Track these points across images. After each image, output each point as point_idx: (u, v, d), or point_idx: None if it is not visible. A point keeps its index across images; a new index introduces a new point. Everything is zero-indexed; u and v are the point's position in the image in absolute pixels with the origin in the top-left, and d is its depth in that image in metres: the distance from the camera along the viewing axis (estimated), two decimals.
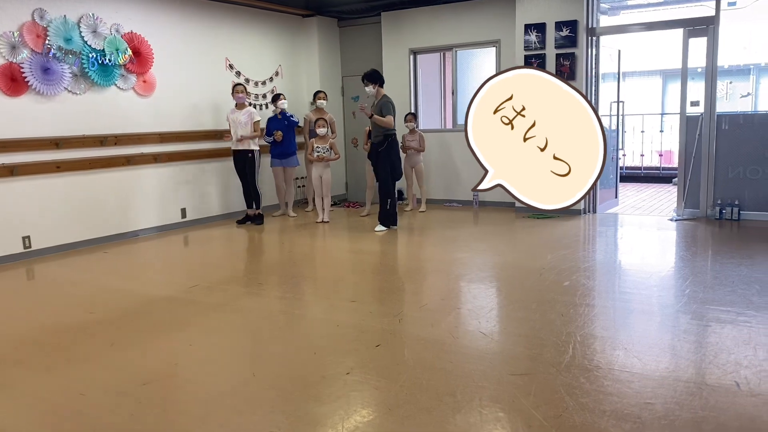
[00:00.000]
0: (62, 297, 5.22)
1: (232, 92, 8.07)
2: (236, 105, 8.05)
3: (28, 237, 6.55)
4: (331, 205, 8.58)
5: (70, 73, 6.80)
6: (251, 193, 8.22)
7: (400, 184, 8.88)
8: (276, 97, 8.45)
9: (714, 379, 3.17)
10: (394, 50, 9.44)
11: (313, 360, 3.62)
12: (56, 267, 6.30)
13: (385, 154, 7.32)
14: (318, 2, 9.30)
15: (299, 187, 9.88)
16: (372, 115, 7.26)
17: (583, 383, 3.15)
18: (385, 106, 7.24)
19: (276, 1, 8.86)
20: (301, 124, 9.17)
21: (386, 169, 7.35)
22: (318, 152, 7.97)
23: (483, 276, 5.53)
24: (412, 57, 9.38)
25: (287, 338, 4.04)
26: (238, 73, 8.87)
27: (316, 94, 8.79)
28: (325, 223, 8.11)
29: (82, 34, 6.88)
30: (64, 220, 6.86)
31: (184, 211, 8.22)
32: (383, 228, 7.42)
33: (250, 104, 8.62)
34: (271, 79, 9.44)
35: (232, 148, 8.10)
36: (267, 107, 9.36)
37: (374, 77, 7.33)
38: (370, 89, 7.35)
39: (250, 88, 9.06)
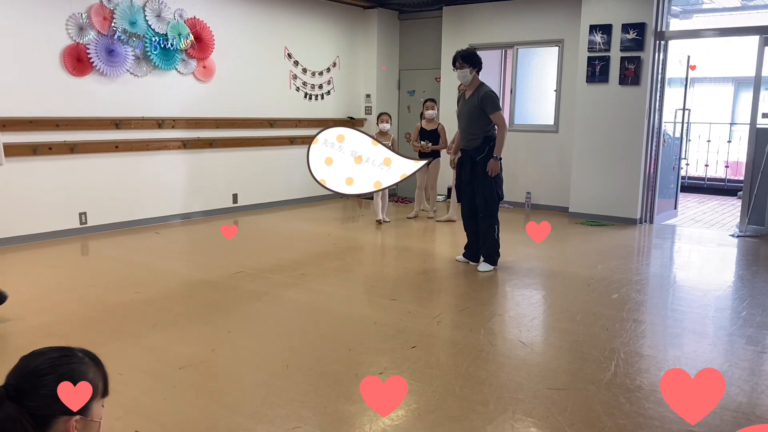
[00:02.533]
0: (112, 275, 5.35)
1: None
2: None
3: (85, 213, 6.75)
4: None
5: (133, 55, 6.96)
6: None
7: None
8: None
9: (764, 410, 3.00)
10: (454, 45, 9.28)
11: (347, 357, 3.59)
12: (109, 244, 6.47)
13: (485, 164, 5.47)
14: None
15: None
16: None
17: (623, 403, 3.02)
18: (489, 101, 5.41)
19: None
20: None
21: (490, 185, 5.49)
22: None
23: (528, 282, 5.39)
24: None
25: (323, 332, 4.03)
26: (296, 63, 8.91)
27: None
28: (385, 222, 7.76)
29: (147, 18, 7.02)
30: (119, 199, 7.03)
31: (235, 197, 8.33)
32: (490, 268, 5.62)
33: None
34: (328, 69, 9.45)
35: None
36: (322, 98, 9.38)
37: (472, 59, 5.46)
38: (464, 74, 5.47)
39: (306, 78, 9.09)
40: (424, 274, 5.61)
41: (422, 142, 7.92)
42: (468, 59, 5.45)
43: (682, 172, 9.41)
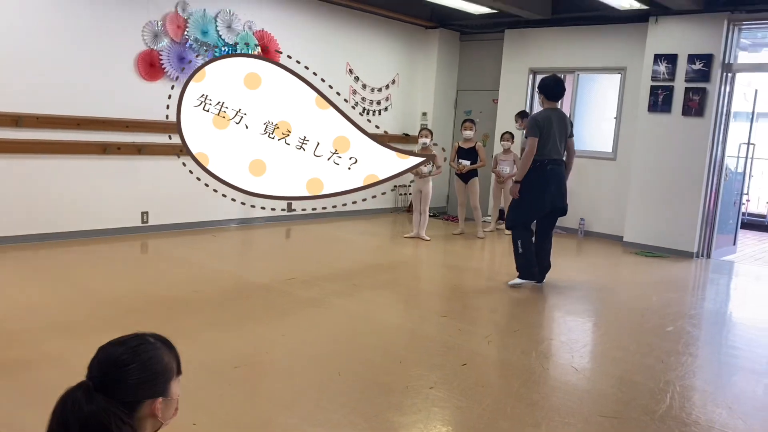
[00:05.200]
0: (171, 273, 5.52)
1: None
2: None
3: (147, 213, 6.98)
4: (430, 216, 8.42)
5: (202, 63, 7.19)
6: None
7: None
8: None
9: None
10: (513, 68, 9.32)
11: (398, 369, 3.62)
12: (169, 244, 6.68)
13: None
14: (443, 15, 9.34)
15: (401, 195, 9.94)
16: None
17: None
18: (527, 126, 5.80)
19: (402, 11, 8.98)
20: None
21: (516, 203, 5.70)
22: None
23: (581, 309, 5.33)
24: (531, 76, 9.23)
25: (375, 343, 4.07)
26: (357, 78, 9.06)
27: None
28: (425, 240, 7.67)
29: (218, 28, 7.27)
30: (180, 201, 7.25)
31: (289, 206, 8.47)
32: (516, 281, 5.73)
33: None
34: (387, 86, 9.58)
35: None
36: (380, 113, 9.50)
37: (539, 87, 5.75)
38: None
39: (365, 93, 9.23)
40: (475, 293, 5.60)
41: (459, 162, 8.00)
42: (539, 88, 5.76)
43: (743, 208, 9.15)
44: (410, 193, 9.64)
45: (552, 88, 5.61)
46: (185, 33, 6.98)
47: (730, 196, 8.12)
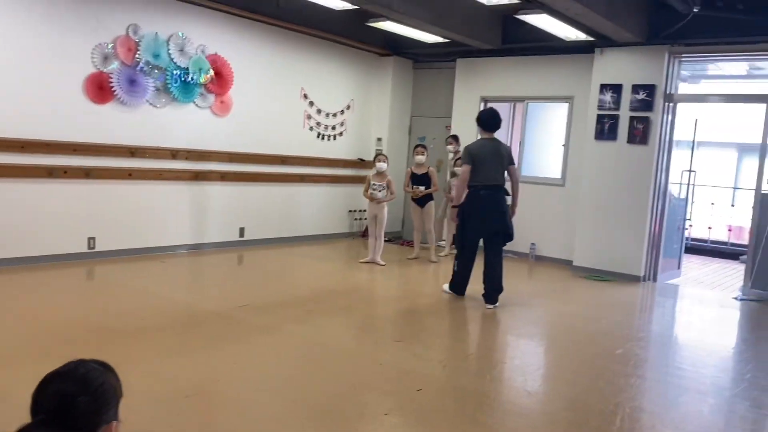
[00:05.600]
0: (117, 300, 5.36)
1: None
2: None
3: (94, 238, 6.79)
4: (385, 241, 8.45)
5: (153, 86, 7.11)
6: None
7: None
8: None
9: None
10: (465, 96, 9.50)
11: (353, 395, 3.59)
12: (116, 270, 6.50)
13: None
14: (396, 43, 9.48)
15: (356, 219, 9.95)
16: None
17: None
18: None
19: (356, 38, 9.08)
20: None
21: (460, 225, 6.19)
22: (374, 189, 7.68)
23: (533, 332, 5.40)
24: (482, 104, 9.42)
25: (329, 370, 4.02)
26: (311, 103, 9.08)
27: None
28: (380, 265, 7.64)
29: (170, 52, 7.20)
30: (128, 226, 7.08)
31: (242, 231, 8.38)
32: (446, 290, 6.34)
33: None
34: (342, 111, 9.63)
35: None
36: (335, 138, 9.53)
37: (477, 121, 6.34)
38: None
39: (320, 118, 9.25)
40: (429, 317, 5.61)
41: (414, 187, 8.09)
42: (476, 120, 6.34)
43: (687, 233, 9.47)
44: (365, 218, 9.65)
45: (486, 120, 6.14)
46: (136, 56, 6.89)
47: (674, 221, 8.40)
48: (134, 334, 4.44)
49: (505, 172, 6.05)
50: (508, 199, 6.09)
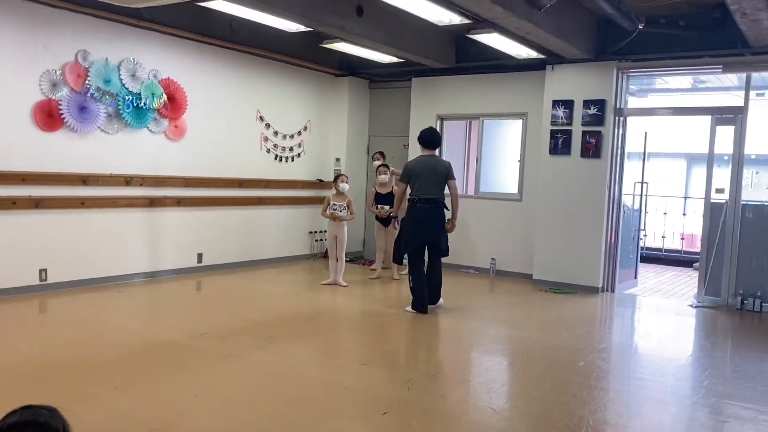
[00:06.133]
0: (71, 334, 5.19)
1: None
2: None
3: (45, 270, 6.58)
4: (347, 261, 8.41)
5: (105, 113, 6.97)
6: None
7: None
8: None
9: None
10: (422, 114, 9.57)
11: (317, 423, 3.53)
12: (70, 302, 6.30)
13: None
14: (351, 63, 9.53)
15: (316, 241, 9.89)
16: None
17: None
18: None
19: (311, 59, 9.09)
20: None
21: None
22: (334, 209, 7.60)
23: (496, 348, 5.42)
24: (439, 122, 9.51)
25: (293, 397, 3.96)
26: (268, 125, 9.03)
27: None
28: (342, 286, 7.59)
29: (121, 77, 7.08)
30: (82, 256, 6.89)
31: (200, 256, 8.24)
32: (410, 310, 6.44)
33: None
34: (299, 133, 9.60)
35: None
36: (293, 160, 9.49)
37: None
38: None
39: (277, 140, 9.20)
40: (394, 338, 5.59)
41: (379, 207, 8.11)
42: (417, 138, 6.78)
43: (641, 243, 9.68)
44: (326, 239, 9.58)
45: (426, 138, 6.64)
46: (86, 82, 6.76)
47: (629, 231, 8.58)
48: (89, 368, 4.30)
49: (446, 187, 6.48)
50: (449, 214, 6.50)
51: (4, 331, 5.18)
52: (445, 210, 6.47)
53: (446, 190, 6.54)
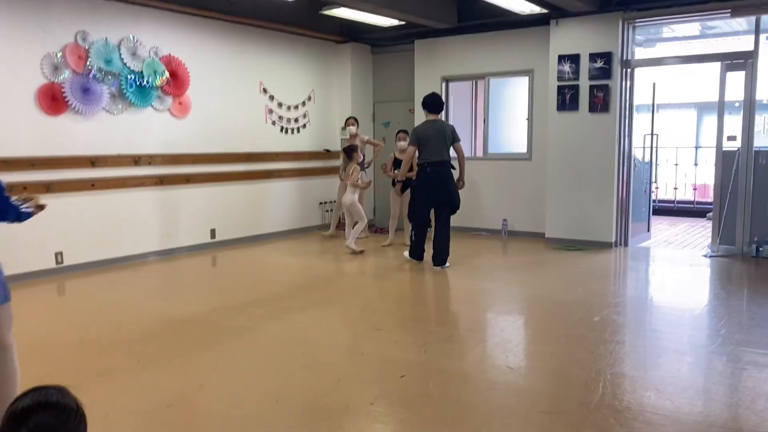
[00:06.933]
0: (90, 314, 5.27)
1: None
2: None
3: (61, 253, 6.66)
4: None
5: (108, 93, 6.95)
6: None
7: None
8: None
9: (750, 426, 3.05)
10: (426, 77, 9.47)
11: (337, 388, 3.58)
12: (87, 283, 6.38)
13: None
14: (353, 29, 9.40)
15: (326, 211, 9.89)
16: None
17: (614, 425, 3.06)
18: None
19: (312, 27, 8.98)
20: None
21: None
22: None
23: (511, 308, 5.44)
24: (444, 84, 9.41)
25: (311, 364, 4.01)
26: (272, 97, 8.98)
27: (346, 120, 8.87)
28: (359, 253, 7.68)
29: (122, 56, 7.04)
30: (96, 237, 6.95)
31: (213, 232, 8.29)
32: (407, 257, 7.22)
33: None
34: (303, 103, 9.54)
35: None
36: (299, 131, 9.45)
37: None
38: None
39: (282, 112, 9.16)
40: (407, 303, 5.63)
41: (396, 171, 8.07)
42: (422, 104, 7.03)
43: (653, 196, 9.62)
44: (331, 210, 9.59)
45: (430, 103, 6.86)
46: (87, 63, 6.73)
47: (640, 185, 8.52)
48: (110, 346, 4.37)
49: (452, 149, 6.80)
50: (456, 174, 6.85)
51: (25, 314, 5.25)
52: (452, 170, 6.83)
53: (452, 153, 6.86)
